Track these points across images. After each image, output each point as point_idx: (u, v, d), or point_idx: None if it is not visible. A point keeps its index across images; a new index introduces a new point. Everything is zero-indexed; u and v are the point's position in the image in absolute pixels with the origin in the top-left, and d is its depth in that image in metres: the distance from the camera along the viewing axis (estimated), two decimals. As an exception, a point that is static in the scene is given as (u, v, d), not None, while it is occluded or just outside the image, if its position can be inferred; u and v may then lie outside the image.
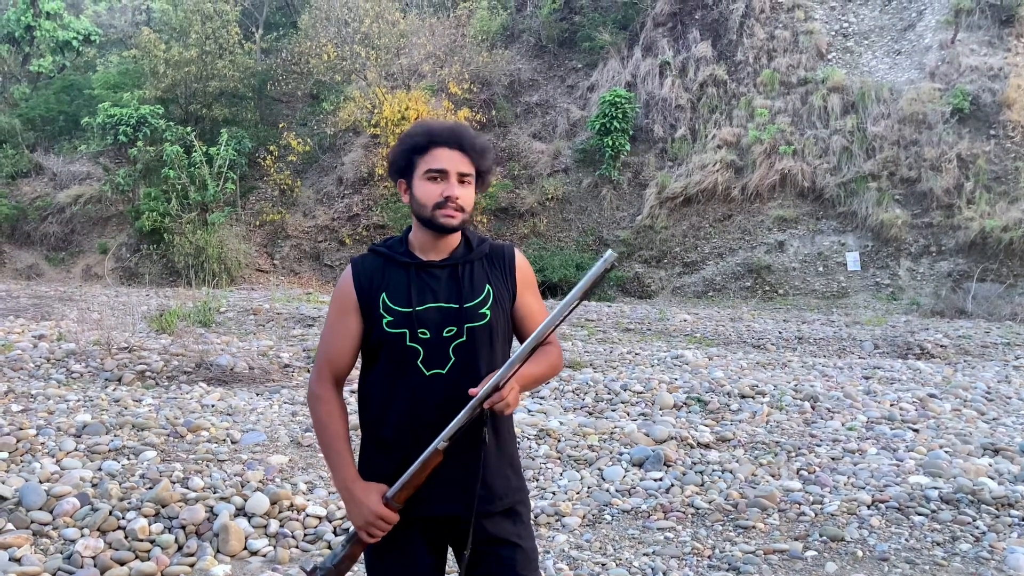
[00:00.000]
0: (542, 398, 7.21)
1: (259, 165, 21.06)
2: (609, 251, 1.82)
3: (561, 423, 6.21)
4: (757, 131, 18.23)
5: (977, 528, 4.33)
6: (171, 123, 20.44)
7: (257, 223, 20.56)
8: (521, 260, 2.23)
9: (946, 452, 5.59)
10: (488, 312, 2.10)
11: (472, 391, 1.96)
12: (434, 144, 2.08)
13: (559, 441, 5.80)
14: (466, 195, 2.08)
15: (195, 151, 19.65)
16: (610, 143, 19.22)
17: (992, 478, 5.02)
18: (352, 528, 2.09)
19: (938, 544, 4.17)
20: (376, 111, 19.77)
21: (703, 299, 17.03)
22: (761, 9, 20.00)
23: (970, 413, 7.02)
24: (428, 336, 2.05)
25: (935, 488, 4.81)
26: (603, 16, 21.95)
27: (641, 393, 7.27)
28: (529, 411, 6.59)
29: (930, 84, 17.61)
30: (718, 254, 17.80)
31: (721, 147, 18.50)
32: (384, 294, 2.08)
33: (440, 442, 1.97)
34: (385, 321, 2.05)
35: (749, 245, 17.56)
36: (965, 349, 11.24)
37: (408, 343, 2.04)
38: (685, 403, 7.02)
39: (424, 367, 2.05)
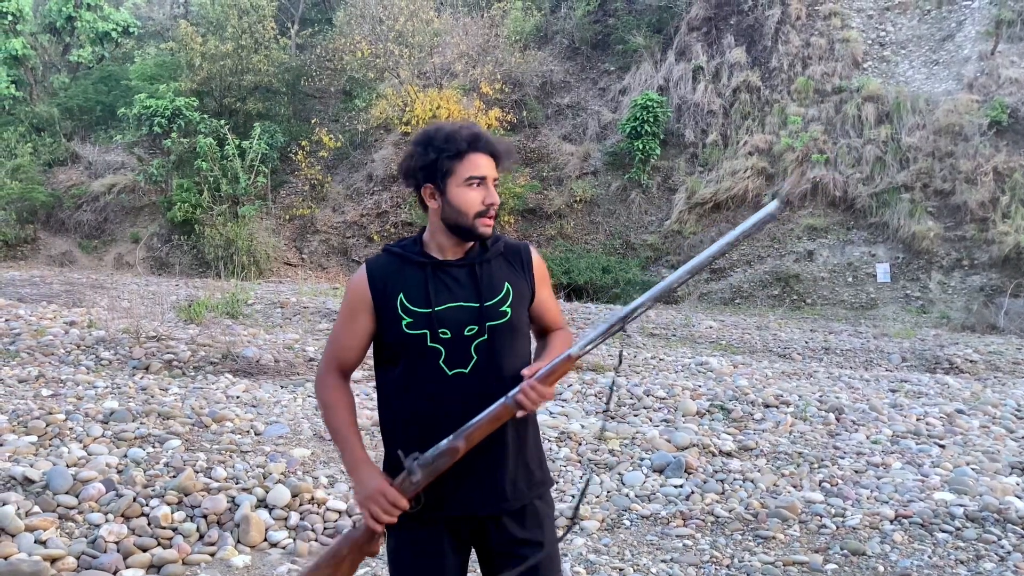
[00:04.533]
0: (564, 400, 7.21)
1: (291, 160, 21.22)
2: (775, 202, 1.82)
3: (583, 426, 6.20)
4: (789, 139, 18.07)
5: (1002, 548, 4.27)
6: (205, 116, 20.65)
7: (287, 217, 20.73)
8: (537, 257, 2.25)
9: (973, 469, 5.52)
10: (509, 310, 2.10)
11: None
12: (474, 149, 2.07)
13: (580, 444, 5.79)
14: (497, 199, 2.12)
15: (228, 144, 19.84)
16: (640, 147, 19.14)
17: (1019, 497, 4.95)
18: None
19: (962, 562, 4.12)
20: (408, 109, 19.85)
21: (730, 306, 16.91)
22: (797, 16, 19.83)
23: (999, 430, 6.92)
24: (449, 336, 2.05)
25: (960, 505, 4.75)
26: (637, 19, 21.88)
27: (664, 399, 7.24)
28: (551, 413, 6.59)
29: (968, 95, 17.36)
30: (746, 261, 17.67)
31: (752, 154, 18.36)
32: (402, 295, 2.07)
33: (576, 351, 2.03)
34: (404, 323, 2.05)
35: (778, 253, 17.42)
36: (996, 365, 11.07)
37: (429, 344, 2.05)
38: (708, 410, 6.98)
39: (446, 367, 2.05)
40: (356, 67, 20.98)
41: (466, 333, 2.06)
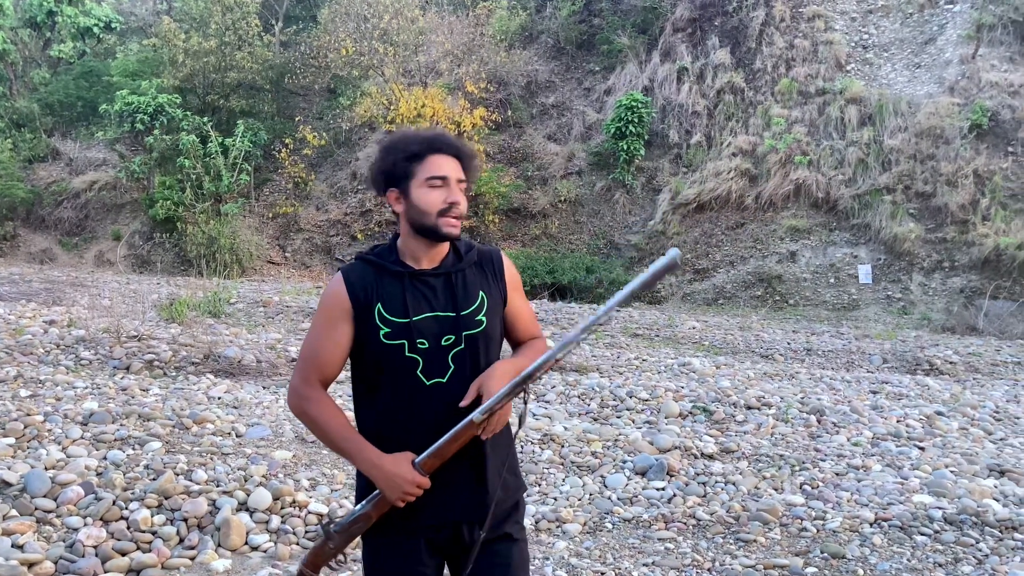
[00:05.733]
0: (547, 402, 7.21)
1: (274, 157, 21.13)
2: (674, 249, 1.86)
3: (566, 428, 6.20)
4: (773, 140, 18.16)
5: (980, 551, 4.31)
6: (188, 113, 20.52)
7: (270, 215, 20.64)
8: (508, 263, 2.27)
9: (951, 472, 5.56)
10: (484, 319, 2.13)
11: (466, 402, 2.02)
12: (433, 151, 2.09)
13: (563, 447, 5.79)
14: (464, 202, 2.11)
15: (211, 141, 19.73)
16: (625, 147, 19.18)
17: (997, 500, 4.99)
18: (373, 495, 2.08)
19: (940, 565, 4.15)
20: (392, 107, 19.81)
21: (713, 307, 16.98)
22: (781, 18, 19.93)
23: (977, 432, 6.98)
24: (427, 346, 2.06)
25: (939, 508, 4.78)
26: (622, 20, 21.91)
27: (647, 400, 7.25)
28: (534, 415, 6.59)
29: (949, 99, 17.50)
30: (729, 262, 17.74)
31: (736, 155, 18.44)
32: (380, 305, 2.07)
33: (477, 415, 2.00)
34: (382, 332, 2.05)
35: (761, 254, 17.50)
36: (975, 367, 11.17)
37: (407, 353, 2.05)
38: (691, 412, 7.01)
39: (424, 377, 2.06)
40: (340, 65, 20.91)
41: (443, 343, 2.07)
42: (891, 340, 12.81)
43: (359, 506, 2.09)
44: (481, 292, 2.16)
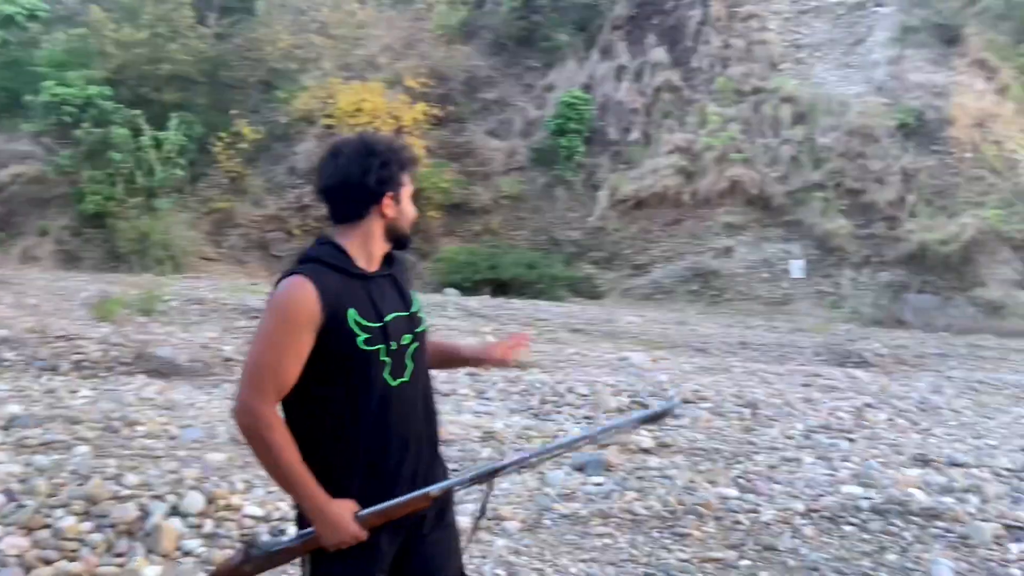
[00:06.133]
0: (488, 399, 7.23)
1: (209, 152, 20.67)
2: (676, 400, 1.99)
3: (506, 425, 6.22)
4: (709, 138, 18.46)
5: (904, 539, 4.44)
6: (119, 105, 19.94)
7: (205, 210, 20.21)
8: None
9: (879, 462, 5.73)
10: (423, 316, 2.21)
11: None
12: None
13: (503, 444, 5.81)
14: None
15: (143, 135, 19.22)
16: (565, 144, 19.30)
17: (921, 489, 5.15)
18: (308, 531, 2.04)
19: (866, 554, 4.27)
20: (331, 102, 19.56)
21: (651, 301, 17.20)
22: (718, 17, 20.26)
23: (903, 423, 7.20)
24: (395, 347, 2.08)
25: (867, 499, 4.92)
26: (562, 17, 22.01)
27: (586, 396, 7.32)
28: (475, 413, 6.59)
29: (878, 98, 18.03)
30: (667, 257, 17.99)
31: (673, 152, 18.70)
32: (352, 310, 2.02)
33: (435, 490, 2.06)
34: (361, 339, 2.01)
35: (697, 250, 17.79)
36: (902, 359, 11.53)
37: (382, 357, 2.05)
38: (628, 407, 7.09)
39: (391, 378, 2.07)
40: (277, 58, 20.59)
41: (403, 342, 2.11)
42: (823, 333, 13.15)
43: (287, 539, 2.10)
44: (413, 291, 2.25)
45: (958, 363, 11.56)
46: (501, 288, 17.17)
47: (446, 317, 12.12)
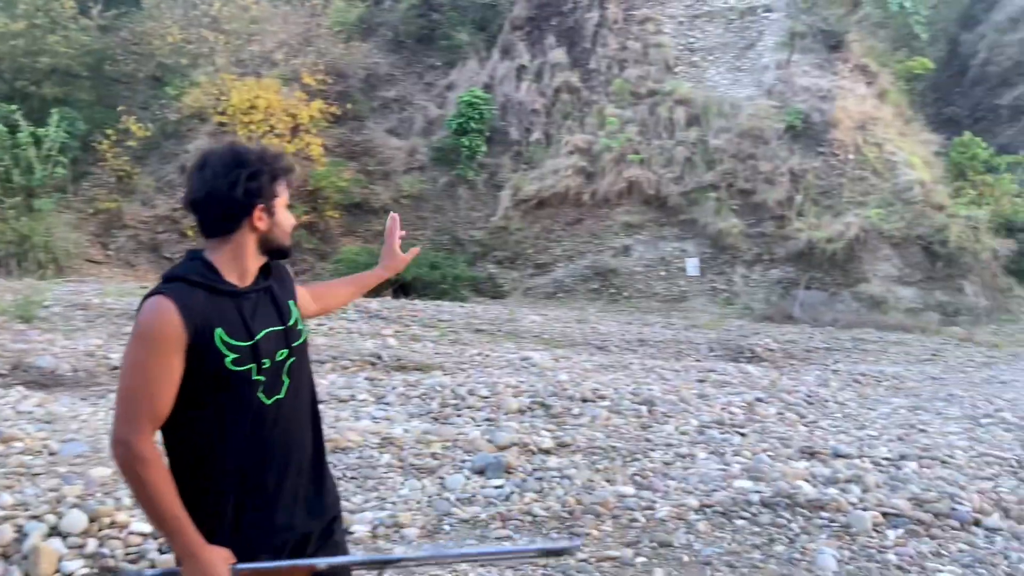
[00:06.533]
0: (388, 404, 7.14)
1: (94, 149, 19.79)
2: (577, 541, 2.02)
3: (405, 430, 6.16)
4: (608, 138, 18.77)
5: (791, 530, 4.61)
6: (-7, 100, 18.89)
7: (91, 211, 19.33)
8: (290, 271, 2.30)
9: (768, 456, 5.93)
10: (303, 328, 2.15)
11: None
12: (289, 172, 2.08)
13: (402, 449, 5.75)
14: None
15: (21, 131, 18.23)
16: (467, 143, 19.30)
17: (808, 481, 5.36)
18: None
19: (756, 547, 4.42)
20: (224, 98, 19.00)
21: (553, 300, 17.38)
22: (615, 20, 20.61)
23: (792, 416, 7.49)
24: (268, 365, 2.00)
25: (757, 492, 5.08)
26: (462, 16, 21.99)
27: (487, 398, 7.32)
28: (374, 419, 6.51)
29: (767, 101, 18.69)
30: (568, 256, 18.22)
31: (573, 153, 18.94)
32: (220, 329, 1.93)
33: (323, 563, 2.02)
34: (229, 359, 1.93)
35: (597, 249, 18.07)
36: (791, 353, 12.00)
37: (254, 376, 1.97)
38: (530, 407, 7.13)
39: (265, 396, 2.00)
40: (167, 53, 19.89)
41: (278, 358, 2.03)
42: (716, 329, 13.56)
43: (152, 572, 2.04)
44: (291, 302, 2.16)
45: (843, 356, 12.12)
46: (403, 289, 17.02)
47: (346, 319, 11.93)
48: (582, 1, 20.93)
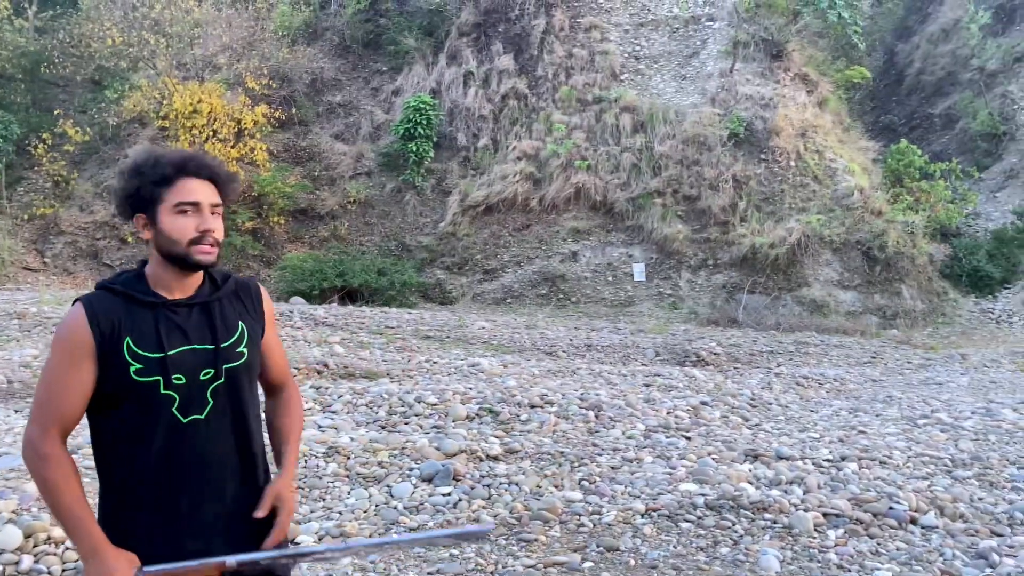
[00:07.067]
0: (334, 412, 7.08)
1: (29, 154, 19.26)
2: (490, 524, 1.95)
3: (352, 439, 6.11)
4: (555, 145, 18.88)
5: (736, 532, 4.69)
6: (-78, 102, 18.29)
7: (26, 217, 18.81)
8: (266, 296, 2.19)
9: (713, 459, 6.02)
10: (245, 351, 2.04)
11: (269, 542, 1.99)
12: (183, 174, 1.96)
13: (348, 458, 5.70)
14: (219, 227, 1.99)
15: (-49, 134, 17.68)
16: (414, 149, 19.24)
17: (751, 483, 5.45)
18: None
19: (701, 549, 4.48)
20: (166, 102, 18.66)
21: (502, 306, 17.41)
22: (561, 27, 20.75)
23: (736, 419, 7.61)
24: (184, 381, 1.93)
25: (702, 495, 5.16)
26: (409, 21, 21.93)
27: (435, 405, 7.29)
28: (320, 427, 6.44)
29: (711, 109, 18.98)
30: (516, 262, 18.27)
31: (521, 159, 19.01)
32: (129, 338, 1.91)
33: (232, 561, 1.91)
34: (133, 369, 1.90)
35: (545, 254, 18.16)
36: (735, 357, 12.19)
37: (162, 391, 1.91)
38: (478, 414, 7.13)
39: (180, 414, 1.94)
40: (106, 55, 19.46)
41: (202, 377, 1.96)
42: (662, 334, 13.71)
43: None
44: (241, 323, 2.06)
45: (785, 360, 12.36)
46: (350, 296, 16.90)
47: (291, 327, 11.79)
48: (529, 8, 21.04)
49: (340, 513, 4.87)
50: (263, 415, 2.19)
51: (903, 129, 23.66)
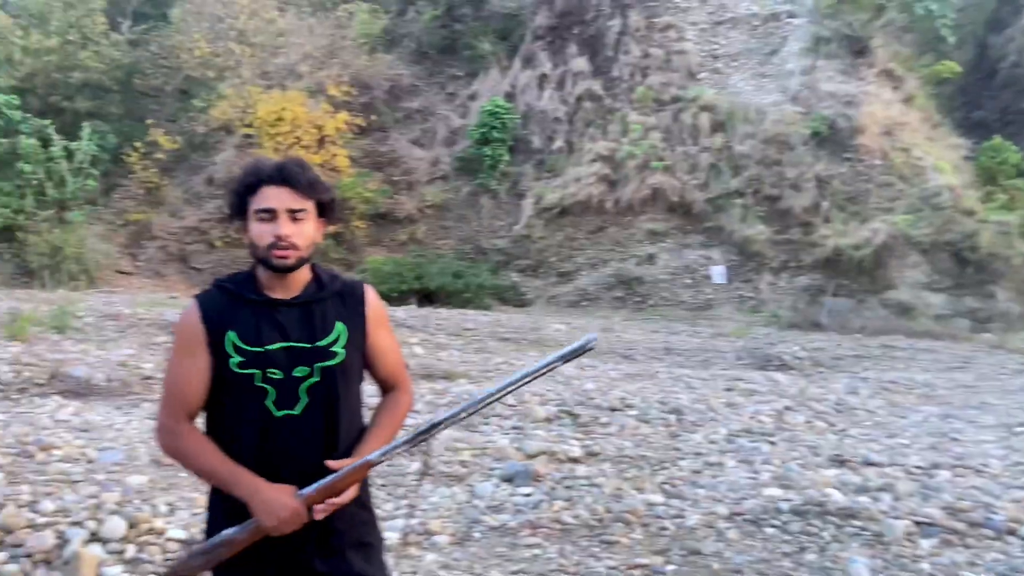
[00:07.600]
0: (417, 412, 7.19)
1: (124, 162, 20.10)
2: (593, 335, 1.93)
3: (436, 438, 6.20)
4: (631, 146, 18.77)
5: (822, 539, 4.59)
6: (28, 114, 19.22)
7: (120, 223, 19.63)
8: (372, 297, 2.21)
9: (798, 464, 5.91)
10: (342, 351, 2.09)
11: (334, 464, 2.01)
12: (262, 183, 2.05)
13: (431, 457, 5.79)
14: (300, 231, 2.04)
15: (54, 145, 18.56)
16: (489, 153, 19.38)
17: (838, 489, 5.33)
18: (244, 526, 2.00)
19: (787, 555, 4.40)
20: (250, 110, 19.23)
21: (576, 309, 17.39)
22: (637, 28, 20.63)
23: (821, 425, 7.45)
24: (280, 376, 2.02)
25: (787, 500, 5.07)
26: (484, 26, 22.11)
27: (514, 406, 7.35)
28: (403, 426, 6.54)
29: (792, 107, 18.61)
30: (591, 265, 18.22)
31: (596, 160, 18.96)
32: (232, 332, 2.02)
33: (375, 456, 2.01)
34: (234, 361, 2.01)
35: (621, 257, 18.06)
36: (819, 361, 11.91)
37: (257, 383, 2.01)
38: (557, 416, 7.15)
39: (275, 408, 2.02)
40: (194, 66, 20.16)
41: (296, 374, 2.04)
42: (743, 337, 13.49)
43: (230, 530, 2.00)
44: (339, 323, 2.11)
45: (872, 364, 12.01)
46: (428, 298, 17.12)
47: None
48: (604, 9, 20.98)
49: (424, 511, 4.95)
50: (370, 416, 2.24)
51: (996, 125, 22.72)
